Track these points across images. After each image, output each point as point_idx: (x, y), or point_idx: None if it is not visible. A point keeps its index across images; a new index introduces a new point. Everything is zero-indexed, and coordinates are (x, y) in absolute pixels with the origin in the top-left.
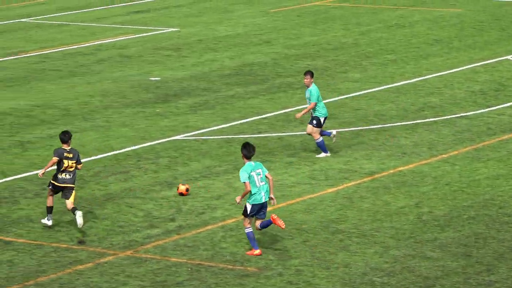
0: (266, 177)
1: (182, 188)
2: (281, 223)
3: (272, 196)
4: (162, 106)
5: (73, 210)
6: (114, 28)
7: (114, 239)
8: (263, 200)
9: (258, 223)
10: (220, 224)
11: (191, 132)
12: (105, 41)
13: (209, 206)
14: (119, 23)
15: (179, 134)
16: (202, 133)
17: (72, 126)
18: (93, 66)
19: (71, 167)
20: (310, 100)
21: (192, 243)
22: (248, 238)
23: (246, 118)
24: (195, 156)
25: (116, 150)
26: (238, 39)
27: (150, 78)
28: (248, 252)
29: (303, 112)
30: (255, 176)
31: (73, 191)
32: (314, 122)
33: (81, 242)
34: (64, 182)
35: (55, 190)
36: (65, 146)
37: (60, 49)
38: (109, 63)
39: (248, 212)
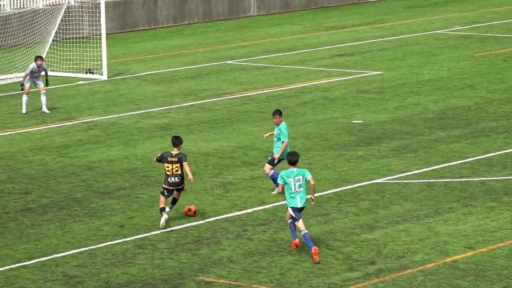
0: (308, 181)
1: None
2: (316, 258)
3: (312, 197)
4: (364, 149)
5: (173, 202)
6: (318, 70)
7: (314, 281)
8: (299, 205)
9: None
10: (420, 268)
11: (392, 175)
12: (308, 84)
13: (409, 250)
14: (323, 66)
15: (381, 177)
16: (404, 176)
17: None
18: (296, 109)
19: (177, 170)
20: (280, 139)
21: (391, 287)
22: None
23: (448, 162)
24: (397, 199)
25: (317, 192)
26: (442, 82)
27: (353, 121)
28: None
29: (279, 154)
30: (292, 182)
31: (183, 189)
32: (270, 158)
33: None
34: (176, 185)
35: (168, 194)
36: (174, 151)
37: (263, 91)
38: (312, 105)
39: (292, 214)
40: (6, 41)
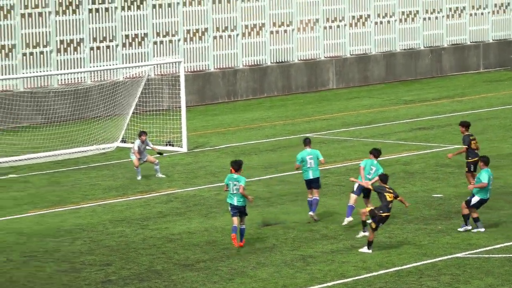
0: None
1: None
2: (234, 243)
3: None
4: (445, 223)
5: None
6: (397, 144)
7: None
8: (235, 203)
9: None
10: None
11: (473, 249)
12: (388, 157)
13: None
14: (403, 139)
15: (461, 252)
16: (485, 251)
17: (353, 241)
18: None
19: (391, 198)
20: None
21: None
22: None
23: None
24: (477, 274)
25: (397, 266)
26: None
27: (433, 195)
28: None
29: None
30: (231, 185)
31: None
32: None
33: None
34: (388, 211)
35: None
36: (385, 185)
37: (343, 164)
38: (392, 179)
39: (229, 209)
40: (87, 113)
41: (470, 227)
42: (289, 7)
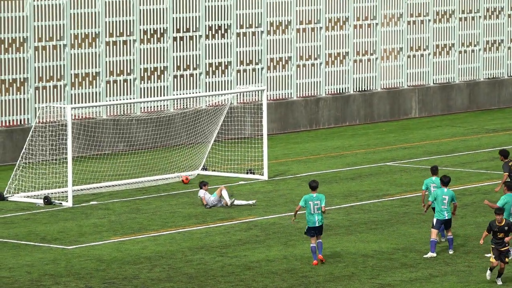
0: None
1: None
2: (321, 259)
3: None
4: None
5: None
6: (479, 173)
7: None
8: (316, 225)
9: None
10: None
11: None
12: (469, 186)
13: None
14: (484, 168)
15: None
16: None
17: (432, 270)
18: (457, 211)
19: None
20: None
21: None
22: (311, 250)
23: None
24: None
25: None
26: None
27: None
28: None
29: None
30: (311, 205)
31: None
32: None
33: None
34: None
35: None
36: (500, 219)
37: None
38: (473, 208)
39: (306, 231)
40: (168, 140)
41: None
42: (373, 36)
